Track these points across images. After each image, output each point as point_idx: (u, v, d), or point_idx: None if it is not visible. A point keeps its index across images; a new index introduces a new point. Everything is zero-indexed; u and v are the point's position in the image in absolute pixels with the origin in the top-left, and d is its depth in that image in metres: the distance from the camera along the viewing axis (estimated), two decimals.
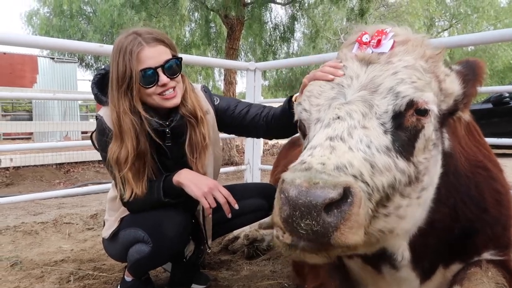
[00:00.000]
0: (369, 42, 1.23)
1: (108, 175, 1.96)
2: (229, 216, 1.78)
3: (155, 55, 1.71)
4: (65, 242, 3.09)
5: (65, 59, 17.56)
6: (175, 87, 1.78)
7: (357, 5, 10.82)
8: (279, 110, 1.94)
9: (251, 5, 10.37)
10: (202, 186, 1.75)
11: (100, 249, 2.77)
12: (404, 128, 1.13)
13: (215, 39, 13.37)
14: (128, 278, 1.99)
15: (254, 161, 4.41)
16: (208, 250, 2.15)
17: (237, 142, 10.42)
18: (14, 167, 7.88)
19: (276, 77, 19.84)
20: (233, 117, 2.06)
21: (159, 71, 1.72)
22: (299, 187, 0.92)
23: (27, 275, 2.38)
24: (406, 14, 15.37)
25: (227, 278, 2.34)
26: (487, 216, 1.40)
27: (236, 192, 1.84)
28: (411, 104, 1.12)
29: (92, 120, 16.58)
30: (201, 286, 2.19)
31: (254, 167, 4.41)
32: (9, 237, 3.13)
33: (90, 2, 15.99)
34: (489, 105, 9.39)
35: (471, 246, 1.41)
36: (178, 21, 11.76)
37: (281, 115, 1.91)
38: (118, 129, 1.74)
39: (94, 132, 1.92)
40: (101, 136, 1.84)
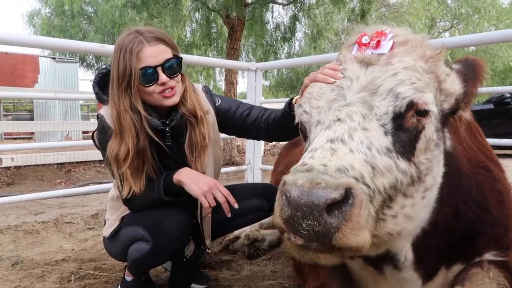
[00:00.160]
0: (369, 43, 1.23)
1: (109, 175, 1.96)
2: (229, 215, 1.78)
3: (155, 54, 1.71)
4: (66, 242, 3.09)
5: (67, 59, 17.59)
6: (174, 86, 1.78)
7: (358, 5, 10.80)
8: (280, 113, 1.94)
9: (252, 6, 10.37)
10: (202, 185, 1.75)
11: (100, 249, 2.77)
12: (405, 129, 1.12)
13: (216, 39, 13.38)
14: (129, 278, 1.99)
15: (255, 161, 4.41)
16: (208, 250, 2.16)
17: (238, 142, 10.42)
18: (15, 167, 7.90)
19: (277, 77, 19.84)
20: (234, 118, 2.06)
21: (159, 70, 1.72)
22: (301, 187, 0.92)
23: (28, 274, 2.38)
24: (407, 15, 15.35)
25: (227, 278, 2.34)
26: (489, 216, 1.40)
27: (236, 192, 1.84)
28: (411, 105, 1.12)
29: (93, 120, 16.63)
30: (201, 286, 2.19)
31: (255, 167, 4.41)
32: (10, 237, 3.13)
33: (91, 3, 16.03)
34: (491, 106, 9.38)
35: (472, 246, 1.41)
36: (180, 21, 11.76)
37: (282, 117, 1.91)
38: (118, 127, 1.74)
39: (95, 131, 1.93)
40: (102, 134, 1.84)
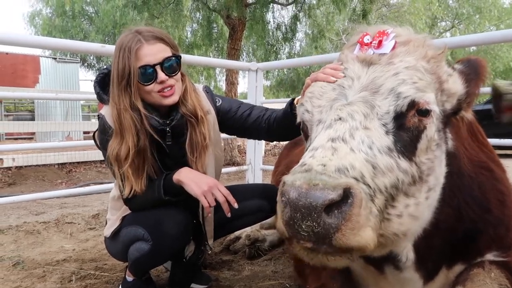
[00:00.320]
0: (371, 43, 1.23)
1: (110, 175, 1.96)
2: (229, 215, 1.77)
3: (153, 53, 1.71)
4: (67, 242, 3.09)
5: (67, 59, 17.61)
6: (173, 85, 1.78)
7: (358, 5, 10.79)
8: (281, 113, 1.93)
9: (253, 6, 10.37)
10: (202, 185, 1.74)
11: (101, 249, 2.78)
12: (406, 128, 1.12)
13: (217, 40, 13.38)
14: (129, 278, 1.99)
15: (255, 161, 4.41)
16: (209, 250, 2.15)
17: (239, 142, 10.42)
18: (16, 167, 7.92)
19: (278, 77, 19.82)
20: (235, 118, 2.05)
21: (158, 68, 1.72)
22: (299, 188, 0.92)
23: (29, 274, 2.38)
24: (408, 14, 15.34)
25: (228, 278, 2.34)
26: (490, 216, 1.39)
27: (237, 193, 1.84)
28: (413, 104, 1.12)
29: (94, 120, 16.65)
30: (202, 286, 2.19)
31: (255, 167, 4.41)
32: (11, 237, 3.13)
33: (92, 3, 16.05)
34: (491, 106, 9.35)
35: (474, 247, 1.41)
36: (180, 22, 11.77)
37: (283, 117, 1.90)
38: (118, 126, 1.75)
39: (96, 131, 1.93)
40: (102, 134, 1.85)
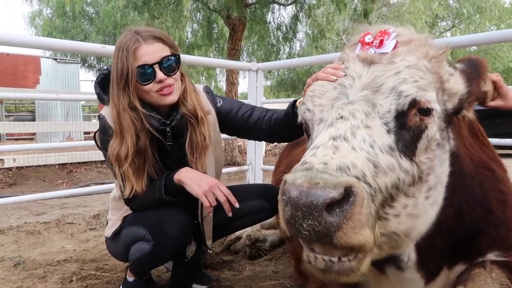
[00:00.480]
0: (372, 42, 1.22)
1: (111, 175, 1.96)
2: (230, 215, 1.77)
3: (151, 52, 1.71)
4: (68, 242, 3.10)
5: (68, 60, 17.62)
6: (172, 84, 1.77)
7: (359, 5, 10.79)
8: (282, 114, 1.93)
9: (253, 6, 10.37)
10: (203, 185, 1.74)
11: (102, 249, 2.78)
12: (408, 127, 1.12)
13: (217, 40, 13.40)
14: (130, 278, 1.99)
15: (256, 161, 4.41)
16: (209, 250, 2.15)
17: (239, 142, 10.42)
18: (17, 167, 7.93)
19: (278, 77, 19.83)
20: (235, 119, 2.05)
21: (156, 67, 1.72)
22: (300, 187, 0.91)
23: (30, 275, 2.38)
24: (408, 14, 15.33)
25: (229, 278, 2.34)
26: (492, 217, 1.39)
27: (237, 193, 1.83)
28: (414, 103, 1.11)
29: (95, 120, 16.66)
30: (203, 286, 2.19)
31: (256, 167, 4.41)
32: (12, 237, 3.14)
33: (92, 4, 16.08)
34: None
35: (475, 247, 1.40)
36: (181, 22, 11.78)
37: (284, 119, 1.90)
38: (118, 126, 1.75)
39: (97, 131, 1.93)
40: (103, 135, 1.85)
